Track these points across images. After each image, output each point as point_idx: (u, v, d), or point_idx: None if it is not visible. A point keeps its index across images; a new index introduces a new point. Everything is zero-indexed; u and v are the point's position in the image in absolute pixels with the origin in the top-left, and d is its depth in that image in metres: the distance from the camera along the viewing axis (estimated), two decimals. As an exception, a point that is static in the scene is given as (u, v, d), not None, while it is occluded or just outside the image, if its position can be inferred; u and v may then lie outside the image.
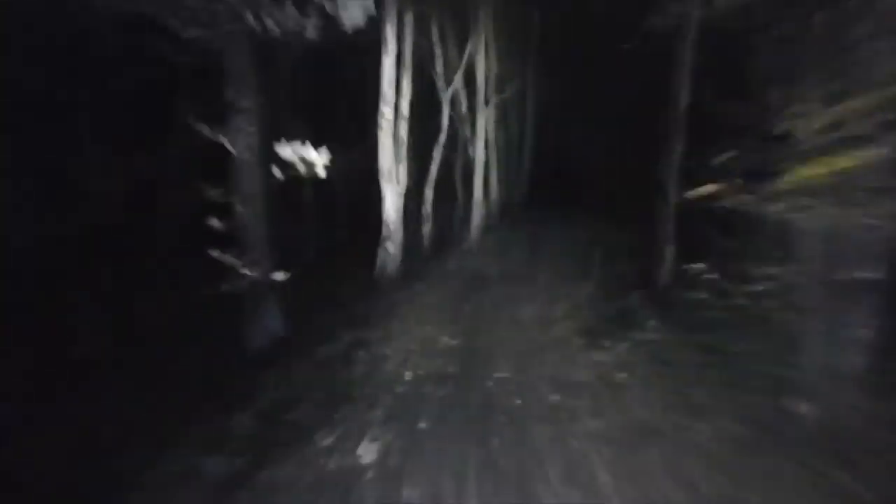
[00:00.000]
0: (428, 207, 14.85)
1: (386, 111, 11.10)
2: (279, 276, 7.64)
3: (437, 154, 14.89)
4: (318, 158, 7.45)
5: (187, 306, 7.85)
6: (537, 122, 19.59)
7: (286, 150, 7.20)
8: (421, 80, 15.17)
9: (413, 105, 13.14)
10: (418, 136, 17.28)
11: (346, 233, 16.21)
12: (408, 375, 5.88)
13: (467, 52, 14.10)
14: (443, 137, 14.81)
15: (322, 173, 7.67)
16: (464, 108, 15.91)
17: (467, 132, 15.95)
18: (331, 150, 14.77)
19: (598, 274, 8.92)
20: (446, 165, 16.44)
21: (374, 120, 11.13)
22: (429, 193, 14.89)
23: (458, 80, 14.62)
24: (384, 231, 11.15)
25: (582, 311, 7.44)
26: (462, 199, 16.52)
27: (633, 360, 5.50)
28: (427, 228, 14.67)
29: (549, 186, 20.19)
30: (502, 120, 17.79)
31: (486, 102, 14.52)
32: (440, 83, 14.53)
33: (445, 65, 14.78)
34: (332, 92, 15.48)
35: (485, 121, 14.65)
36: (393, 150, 11.26)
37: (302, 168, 7.36)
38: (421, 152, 16.79)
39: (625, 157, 16.45)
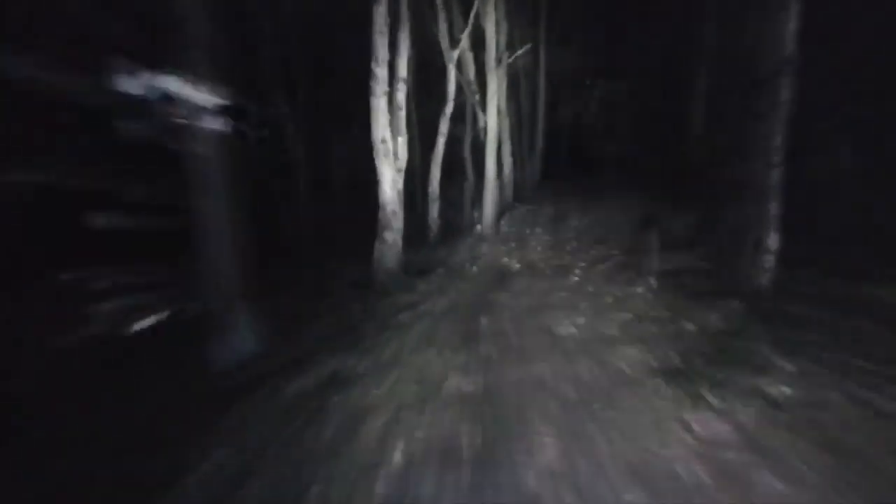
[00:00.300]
0: (434, 187, 12.43)
1: (379, 72, 8.62)
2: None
3: (444, 126, 12.38)
4: (202, 99, 4.94)
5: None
6: (551, 92, 16.87)
7: (133, 83, 4.66)
8: (423, 40, 12.71)
9: (414, 69, 10.67)
10: (422, 107, 14.81)
11: (344, 218, 13.83)
12: (396, 453, 3.52)
13: (475, 6, 11.48)
14: (450, 108, 12.28)
15: (218, 124, 5.20)
16: (472, 73, 13.36)
17: (477, 100, 13.39)
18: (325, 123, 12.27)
19: (654, 268, 6.47)
20: (455, 140, 13.97)
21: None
22: (435, 171, 12.45)
23: (466, 40, 12.05)
24: (381, 217, 8.76)
25: (649, 326, 5.01)
26: (473, 178, 14.05)
27: (781, 443, 3.05)
28: (434, 211, 12.26)
29: (567, 162, 17.55)
30: (513, 91, 15.21)
31: (499, 61, 11.93)
32: (445, 43, 11.98)
33: (450, 23, 12.23)
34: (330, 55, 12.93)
35: (496, 86, 12.05)
36: (389, 120, 8.81)
37: (174, 111, 4.87)
38: (426, 125, 14.31)
39: (659, 127, 13.86)
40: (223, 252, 6.56)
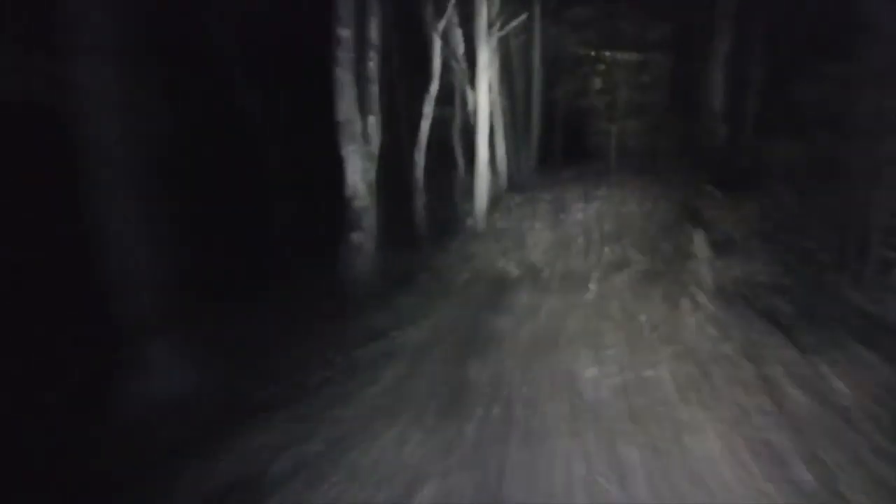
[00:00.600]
0: (419, 176, 10.46)
1: (343, 35, 6.66)
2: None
3: (429, 108, 10.38)
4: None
5: None
6: (548, 68, 14.74)
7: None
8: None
9: (390, 36, 8.70)
10: (404, 85, 12.79)
11: (325, 217, 11.68)
12: None
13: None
14: (435, 87, 10.29)
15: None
16: (461, 48, 11.28)
17: (466, 80, 11.34)
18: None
19: (706, 281, 4.59)
20: (442, 124, 11.97)
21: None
22: (419, 159, 10.47)
23: (452, 8, 10.02)
24: (348, 215, 6.85)
25: (729, 385, 3.09)
26: (463, 165, 12.06)
27: None
28: (419, 204, 10.30)
29: (567, 145, 15.42)
30: (506, 68, 13.16)
31: (490, 31, 9.91)
32: (429, 11, 9.97)
33: (435, -12, 10.18)
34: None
35: (487, 60, 10.07)
36: (356, 94, 6.86)
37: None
38: (409, 108, 12.30)
39: (672, 100, 11.84)
40: (132, 267, 4.73)
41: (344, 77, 6.62)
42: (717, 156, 8.67)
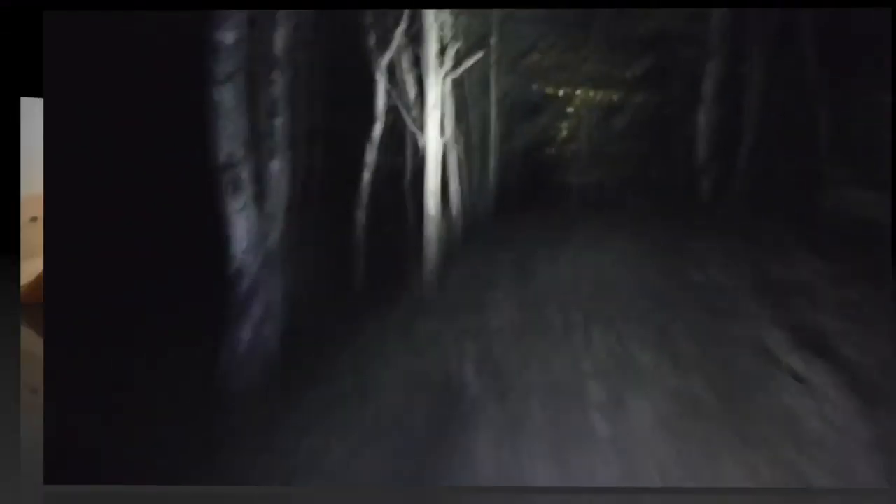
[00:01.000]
0: (359, 236, 8.19)
1: (226, 38, 4.44)
2: None
3: (370, 156, 8.25)
4: None
5: None
6: (508, 111, 12.81)
7: None
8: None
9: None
10: (340, 126, 10.65)
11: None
12: None
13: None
14: (378, 130, 8.19)
15: None
16: (412, 93, 9.23)
17: (416, 125, 9.25)
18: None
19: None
20: (390, 172, 9.84)
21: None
22: (360, 217, 8.24)
23: (400, 38, 8.05)
24: (229, 299, 4.46)
25: None
26: (412, 221, 9.85)
27: None
28: (357, 273, 7.94)
29: (529, 195, 13.34)
30: (462, 112, 11.21)
31: (442, 56, 7.92)
32: (371, 42, 7.95)
33: (379, 16, 8.26)
34: None
35: (437, 98, 8.08)
36: (247, 122, 4.62)
37: None
38: (349, 153, 10.15)
39: (649, 146, 10.03)
40: None
41: (227, 100, 4.36)
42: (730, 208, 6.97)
